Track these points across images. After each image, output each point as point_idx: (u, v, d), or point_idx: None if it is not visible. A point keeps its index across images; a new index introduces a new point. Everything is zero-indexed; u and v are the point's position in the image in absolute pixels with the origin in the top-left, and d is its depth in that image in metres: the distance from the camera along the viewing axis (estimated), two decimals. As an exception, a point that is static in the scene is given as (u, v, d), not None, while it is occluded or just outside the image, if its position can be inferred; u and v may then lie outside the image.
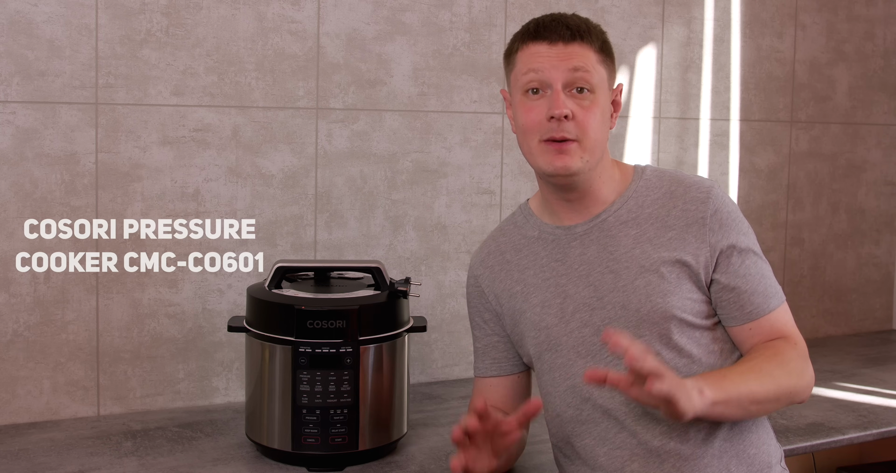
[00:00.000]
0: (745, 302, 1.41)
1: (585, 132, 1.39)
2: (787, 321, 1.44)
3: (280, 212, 2.07)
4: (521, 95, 1.42)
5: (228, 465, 1.68)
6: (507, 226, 1.59)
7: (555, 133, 1.38)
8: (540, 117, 1.39)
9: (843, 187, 2.82)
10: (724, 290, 1.41)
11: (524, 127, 1.42)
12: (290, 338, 1.64)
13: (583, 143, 1.39)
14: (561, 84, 1.38)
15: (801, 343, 1.43)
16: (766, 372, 1.35)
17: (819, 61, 2.73)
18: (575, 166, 1.39)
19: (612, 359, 1.40)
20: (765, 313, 1.41)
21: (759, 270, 1.43)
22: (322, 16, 2.08)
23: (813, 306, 2.79)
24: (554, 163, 1.39)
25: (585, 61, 1.39)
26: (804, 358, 1.41)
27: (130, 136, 1.93)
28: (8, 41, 1.83)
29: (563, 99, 1.38)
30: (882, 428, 1.95)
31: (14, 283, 1.87)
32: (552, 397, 1.48)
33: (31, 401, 1.90)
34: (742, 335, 1.43)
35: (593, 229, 1.46)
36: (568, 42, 1.39)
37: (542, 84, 1.40)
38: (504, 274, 1.54)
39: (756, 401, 1.35)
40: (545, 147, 1.40)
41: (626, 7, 2.41)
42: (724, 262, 1.41)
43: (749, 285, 1.41)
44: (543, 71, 1.39)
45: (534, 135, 1.41)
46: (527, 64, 1.41)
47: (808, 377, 1.41)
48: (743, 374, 1.34)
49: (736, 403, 1.32)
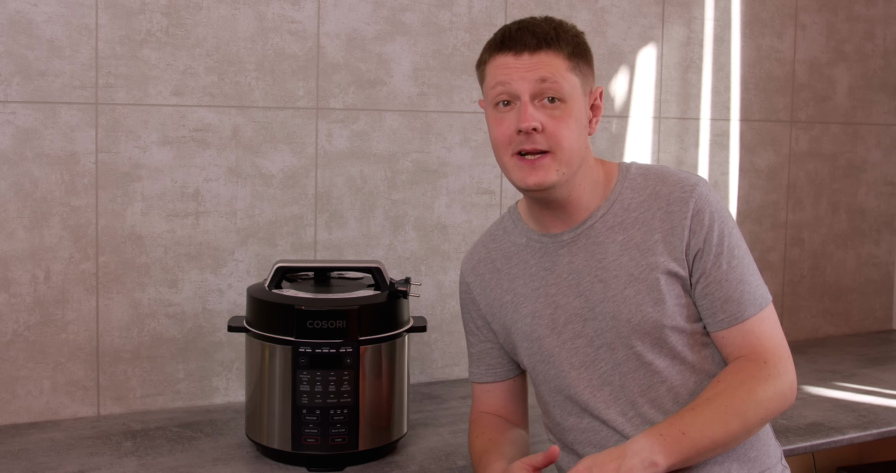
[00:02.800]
0: (717, 310, 1.37)
1: (559, 143, 1.34)
2: (763, 330, 1.37)
3: (280, 212, 2.07)
4: (492, 109, 1.39)
5: (228, 465, 1.68)
6: (496, 231, 1.56)
7: (525, 145, 1.34)
8: (510, 131, 1.36)
9: (843, 187, 2.82)
10: (700, 295, 1.38)
11: (495, 141, 1.38)
12: (290, 338, 1.64)
13: (557, 154, 1.35)
14: (528, 95, 1.34)
15: (774, 357, 1.35)
16: (732, 411, 1.29)
17: (819, 61, 2.74)
18: (550, 180, 1.35)
19: (606, 370, 1.40)
20: (737, 321, 1.36)
21: (737, 275, 1.37)
22: (322, 16, 2.08)
23: (813, 306, 2.79)
24: (526, 179, 1.36)
25: (553, 71, 1.34)
26: (775, 376, 1.34)
27: (130, 136, 1.93)
28: (8, 41, 1.83)
29: (531, 111, 1.33)
30: (882, 428, 1.95)
31: (14, 283, 1.87)
32: (550, 406, 1.48)
33: (31, 401, 1.90)
34: (718, 342, 1.39)
35: (580, 237, 1.43)
36: (534, 51, 1.34)
37: (510, 96, 1.36)
38: (494, 283, 1.52)
39: (720, 446, 1.30)
40: (517, 162, 1.36)
41: (626, 7, 2.41)
42: (700, 265, 1.37)
43: (723, 292, 1.36)
44: (510, 83, 1.35)
45: (506, 149, 1.37)
46: (494, 77, 1.37)
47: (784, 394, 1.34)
48: (707, 422, 1.28)
49: (696, 457, 1.28)
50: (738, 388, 1.31)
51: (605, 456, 1.26)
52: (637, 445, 1.26)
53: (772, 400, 1.33)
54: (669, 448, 1.26)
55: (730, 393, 1.31)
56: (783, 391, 1.34)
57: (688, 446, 1.27)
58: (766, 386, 1.32)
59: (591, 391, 1.41)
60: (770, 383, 1.33)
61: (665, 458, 1.25)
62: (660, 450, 1.25)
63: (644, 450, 1.25)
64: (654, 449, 1.25)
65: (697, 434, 1.27)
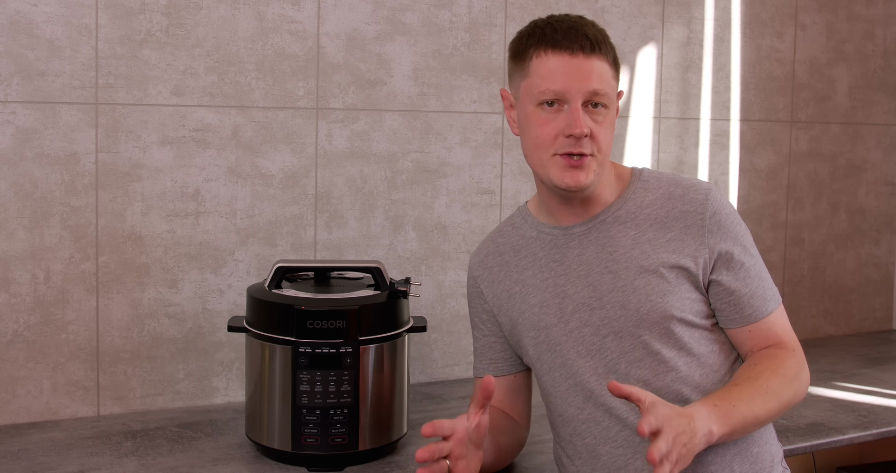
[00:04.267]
0: (744, 305, 1.41)
1: (600, 148, 1.38)
2: (784, 324, 1.44)
3: (280, 212, 2.07)
4: (535, 107, 1.38)
5: (228, 465, 1.68)
6: (505, 227, 1.58)
7: (573, 149, 1.36)
8: (555, 132, 1.37)
9: (843, 187, 2.82)
10: (723, 293, 1.41)
11: (537, 140, 1.39)
12: (290, 338, 1.64)
13: (597, 157, 1.38)
14: (581, 101, 1.36)
15: (798, 347, 1.44)
16: (771, 391, 1.35)
17: (819, 61, 2.74)
18: (587, 181, 1.38)
19: (612, 358, 1.41)
20: (763, 316, 1.41)
21: (756, 272, 1.43)
22: (322, 16, 2.08)
23: (813, 306, 2.79)
24: (566, 179, 1.38)
25: (605, 81, 1.36)
26: (802, 363, 1.42)
27: (130, 136, 1.93)
28: (8, 41, 1.83)
29: (583, 116, 1.35)
30: (882, 428, 1.95)
31: (14, 283, 1.87)
32: (553, 397, 1.48)
33: (31, 401, 1.90)
34: (740, 338, 1.43)
35: (592, 230, 1.46)
36: (588, 54, 1.36)
37: (558, 97, 1.36)
38: (503, 275, 1.54)
39: (759, 423, 1.35)
40: (560, 161, 1.38)
41: (626, 7, 2.41)
42: (722, 265, 1.41)
43: (747, 289, 1.41)
44: (563, 86, 1.35)
45: (547, 149, 1.38)
46: (544, 76, 1.36)
47: (806, 382, 1.42)
48: (751, 398, 1.33)
49: (741, 430, 1.33)
50: (776, 371, 1.37)
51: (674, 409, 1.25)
52: (697, 411, 1.27)
53: (800, 386, 1.40)
54: (723, 419, 1.29)
55: (769, 374, 1.36)
56: (806, 380, 1.42)
57: (738, 419, 1.31)
58: (799, 371, 1.40)
59: (596, 379, 1.42)
60: (800, 369, 1.41)
61: (719, 428, 1.28)
62: (716, 420, 1.28)
63: (702, 417, 1.27)
64: (712, 418, 1.28)
65: (745, 408, 1.32)
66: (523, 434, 1.61)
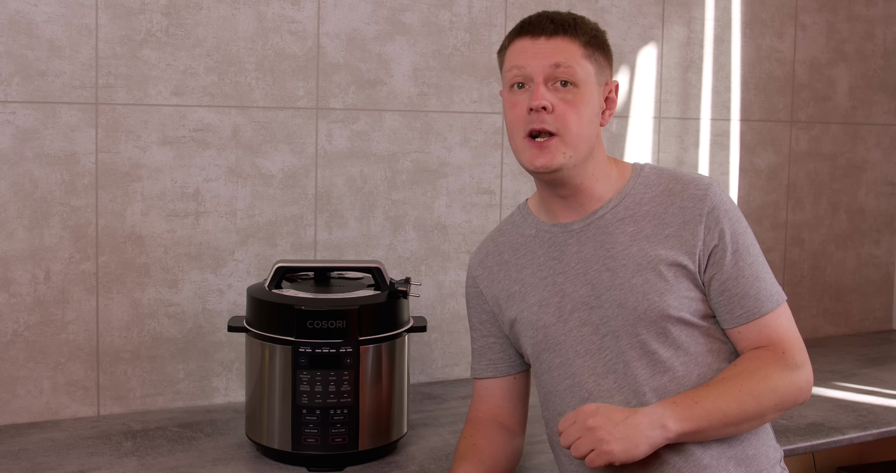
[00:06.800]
0: (735, 305, 1.39)
1: (566, 126, 1.38)
2: (780, 325, 1.40)
3: (280, 212, 2.07)
4: (508, 91, 1.43)
5: (228, 465, 1.68)
6: (505, 226, 1.58)
7: (534, 124, 1.38)
8: (522, 111, 1.40)
9: (843, 187, 2.82)
10: (717, 291, 1.40)
11: (509, 123, 1.43)
12: (290, 338, 1.64)
13: (564, 137, 1.38)
14: (542, 77, 1.38)
15: (792, 349, 1.39)
16: (746, 390, 1.33)
17: (819, 61, 2.74)
18: (556, 163, 1.38)
19: (611, 357, 1.40)
20: (755, 317, 1.39)
21: (753, 271, 1.40)
22: (322, 16, 2.08)
23: (813, 306, 2.79)
24: (534, 161, 1.39)
25: (568, 56, 1.39)
26: (792, 367, 1.37)
27: (130, 136, 1.93)
28: (8, 41, 1.83)
29: (543, 91, 1.37)
30: (882, 428, 1.95)
31: (14, 283, 1.87)
32: (552, 396, 1.48)
33: (31, 401, 1.90)
34: (734, 338, 1.42)
35: (590, 227, 1.45)
36: (550, 36, 1.39)
37: (525, 78, 1.40)
38: (502, 274, 1.54)
39: (732, 424, 1.33)
40: (527, 144, 1.40)
41: (626, 7, 2.41)
42: (716, 262, 1.39)
43: (740, 288, 1.39)
44: (525, 65, 1.39)
45: (518, 130, 1.41)
46: (511, 60, 1.42)
47: (801, 384, 1.38)
48: (720, 396, 1.32)
49: (708, 429, 1.32)
50: (755, 371, 1.35)
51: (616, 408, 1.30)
52: (649, 408, 1.30)
53: (787, 388, 1.36)
54: (681, 414, 1.29)
55: (745, 375, 1.35)
56: (799, 382, 1.38)
57: (700, 414, 1.30)
58: (783, 374, 1.36)
59: (595, 378, 1.41)
60: (787, 371, 1.37)
61: (676, 423, 1.28)
62: (671, 415, 1.28)
63: (655, 413, 1.28)
64: (666, 414, 1.29)
65: (710, 405, 1.31)
66: (519, 444, 1.59)
